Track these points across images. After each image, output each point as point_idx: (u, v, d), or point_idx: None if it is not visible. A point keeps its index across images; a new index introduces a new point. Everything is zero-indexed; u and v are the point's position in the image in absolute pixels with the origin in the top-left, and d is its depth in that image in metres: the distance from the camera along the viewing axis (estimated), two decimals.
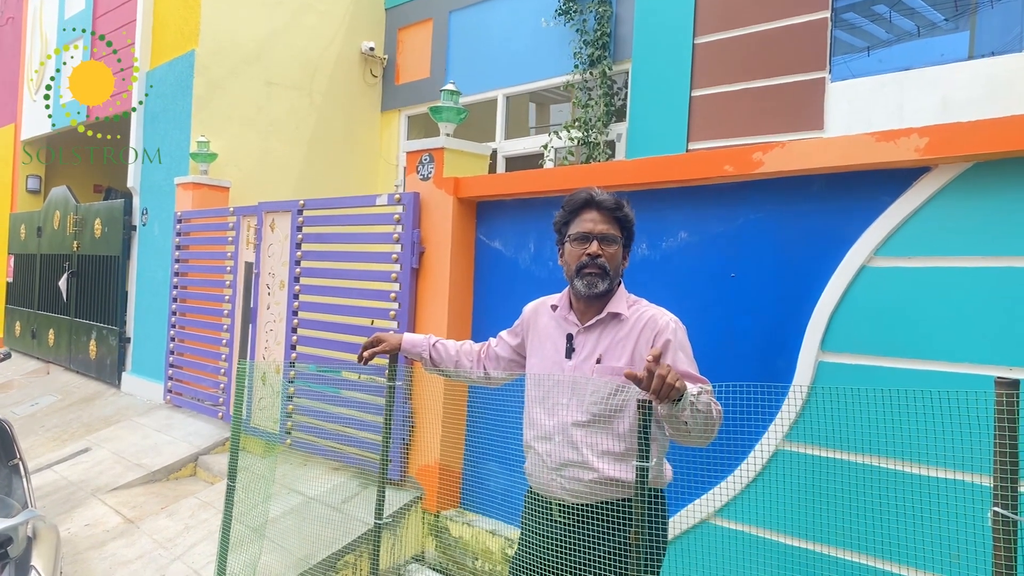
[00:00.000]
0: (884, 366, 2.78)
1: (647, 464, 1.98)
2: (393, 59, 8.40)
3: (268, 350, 5.62)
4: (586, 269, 2.30)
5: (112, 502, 5.17)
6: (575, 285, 2.35)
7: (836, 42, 4.95)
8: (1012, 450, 1.44)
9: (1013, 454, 1.44)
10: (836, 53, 4.98)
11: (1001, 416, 1.44)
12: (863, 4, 4.96)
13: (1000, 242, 2.54)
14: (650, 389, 1.90)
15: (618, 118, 6.25)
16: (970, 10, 4.59)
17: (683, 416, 2.00)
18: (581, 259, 2.31)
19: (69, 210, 9.13)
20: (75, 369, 9.02)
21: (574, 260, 2.34)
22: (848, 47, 5.00)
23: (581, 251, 2.32)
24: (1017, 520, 1.42)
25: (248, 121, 7.47)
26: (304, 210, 5.32)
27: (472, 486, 4.31)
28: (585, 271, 2.30)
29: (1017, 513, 1.43)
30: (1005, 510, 1.42)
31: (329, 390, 5.04)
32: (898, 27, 4.92)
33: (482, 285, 4.39)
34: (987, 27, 4.44)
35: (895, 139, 2.69)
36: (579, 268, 2.31)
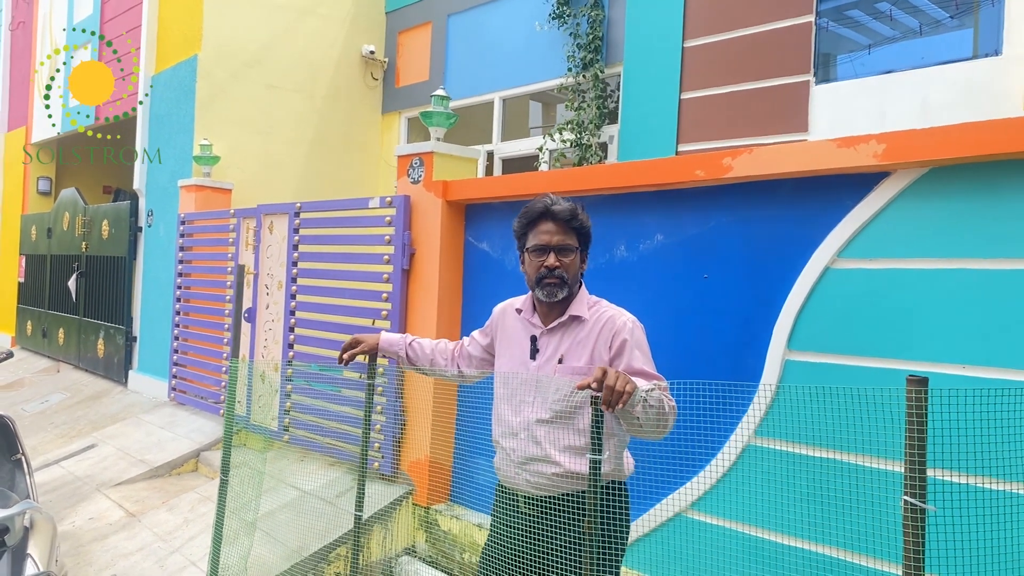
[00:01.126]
0: (848, 364, 2.88)
1: (599, 457, 2.09)
2: (393, 62, 8.53)
3: (267, 349, 5.76)
4: (545, 280, 2.41)
5: (115, 496, 5.32)
6: (536, 293, 2.47)
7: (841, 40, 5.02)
8: (920, 443, 1.54)
9: (921, 447, 1.54)
10: (842, 51, 5.05)
11: (910, 412, 1.54)
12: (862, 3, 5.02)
13: (955, 245, 2.63)
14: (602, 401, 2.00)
15: (611, 120, 6.35)
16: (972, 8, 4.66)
17: (635, 412, 2.11)
18: (540, 271, 2.41)
19: (78, 211, 9.32)
20: (84, 367, 9.21)
21: (533, 271, 2.45)
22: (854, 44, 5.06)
23: (539, 263, 2.42)
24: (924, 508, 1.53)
25: (250, 124, 7.61)
26: (301, 212, 5.45)
27: (461, 481, 4.43)
28: (544, 282, 2.41)
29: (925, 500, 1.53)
30: (913, 499, 1.52)
31: (325, 388, 5.17)
32: (903, 24, 4.97)
33: (471, 285, 4.51)
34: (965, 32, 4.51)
35: (855, 145, 2.79)
36: (539, 279, 2.42)
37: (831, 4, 5.03)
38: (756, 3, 5.27)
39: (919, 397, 1.53)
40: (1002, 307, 2.52)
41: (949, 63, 4.48)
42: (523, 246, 2.52)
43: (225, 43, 7.42)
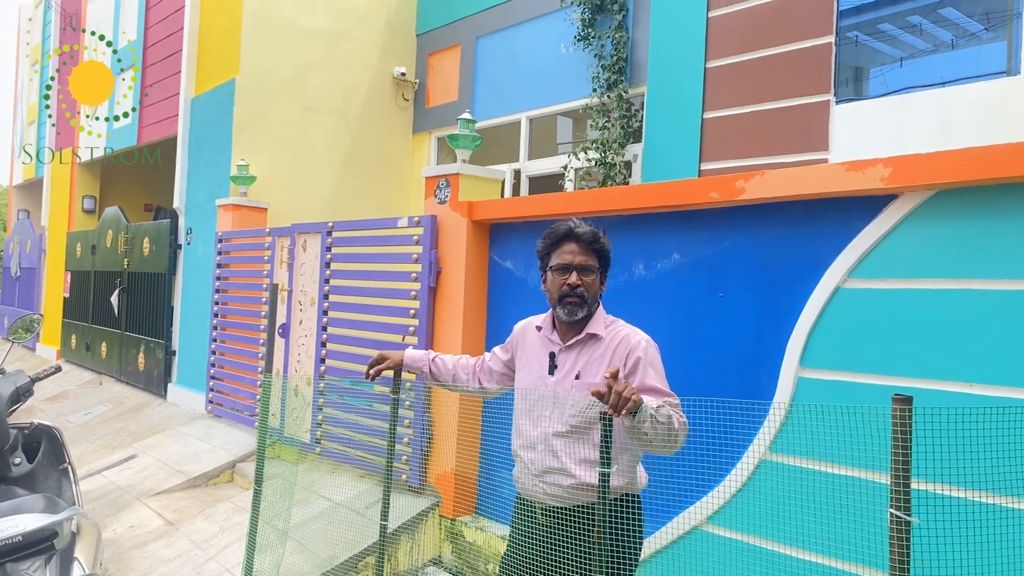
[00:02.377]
0: (858, 382, 2.95)
1: (608, 470, 2.19)
2: (424, 83, 8.74)
3: (300, 363, 5.95)
4: (567, 299, 2.53)
5: (155, 506, 5.53)
6: (557, 312, 2.59)
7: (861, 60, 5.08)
8: (905, 458, 1.63)
9: (906, 462, 1.63)
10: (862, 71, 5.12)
11: (895, 428, 1.63)
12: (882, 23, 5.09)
13: (961, 265, 2.70)
14: (608, 403, 2.12)
15: (635, 139, 6.46)
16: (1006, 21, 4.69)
17: (643, 427, 2.21)
18: (562, 289, 2.53)
19: (120, 229, 9.65)
20: (125, 380, 9.50)
21: (555, 289, 2.57)
22: (874, 64, 5.13)
23: (561, 281, 2.54)
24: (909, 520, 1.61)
25: (286, 145, 7.86)
26: (333, 231, 5.64)
27: (486, 493, 4.55)
28: (566, 300, 2.53)
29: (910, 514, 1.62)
30: (898, 511, 1.60)
31: (356, 402, 5.33)
32: (921, 44, 5.02)
33: (495, 302, 4.64)
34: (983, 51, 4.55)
35: (862, 169, 2.87)
36: (560, 297, 2.54)
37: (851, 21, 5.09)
38: (777, 25, 5.36)
39: (903, 415, 1.62)
40: (1008, 327, 2.58)
41: (967, 83, 4.53)
42: (546, 265, 2.64)
43: (262, 67, 7.68)
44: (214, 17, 8.05)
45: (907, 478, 1.61)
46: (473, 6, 8.11)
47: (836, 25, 5.09)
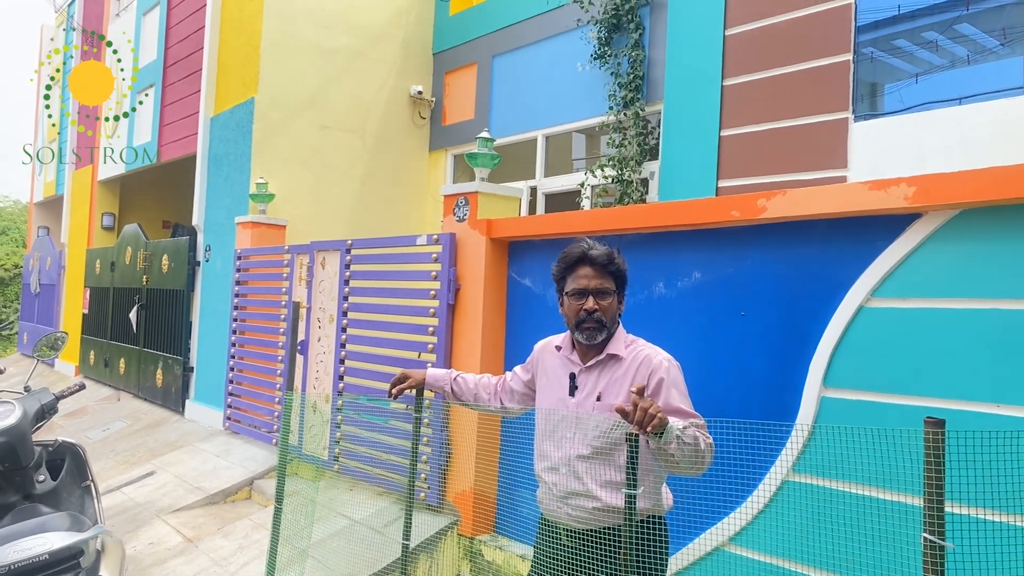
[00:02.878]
0: (883, 402, 2.93)
1: (635, 492, 2.19)
2: (440, 101, 8.80)
3: (318, 380, 5.97)
4: (584, 324, 2.52)
5: (174, 522, 5.55)
6: (576, 336, 2.58)
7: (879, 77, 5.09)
8: (938, 481, 1.62)
9: (939, 486, 1.62)
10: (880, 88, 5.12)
11: (928, 452, 1.62)
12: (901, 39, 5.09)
13: (986, 285, 2.68)
14: (633, 421, 2.11)
15: (651, 157, 6.47)
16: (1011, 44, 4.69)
17: (669, 448, 2.21)
18: (579, 314, 2.53)
19: (139, 246, 9.74)
20: (143, 396, 9.56)
21: (573, 314, 2.56)
22: (892, 80, 5.13)
23: (578, 306, 2.54)
24: (943, 545, 1.60)
25: (304, 163, 7.93)
26: (352, 249, 5.67)
27: (505, 512, 4.54)
28: (584, 325, 2.53)
29: (944, 538, 1.60)
30: (932, 536, 1.59)
31: (374, 419, 5.34)
32: (941, 60, 5.02)
33: (513, 320, 4.64)
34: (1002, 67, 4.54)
35: (886, 188, 2.86)
36: (578, 323, 2.54)
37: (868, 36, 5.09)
38: (794, 42, 5.37)
39: (936, 438, 1.61)
40: None
41: (987, 100, 4.52)
42: (562, 290, 2.64)
43: (281, 86, 7.77)
44: (234, 38, 8.15)
45: (940, 502, 1.60)
46: (489, 25, 8.18)
47: (854, 42, 5.09)
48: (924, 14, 5.00)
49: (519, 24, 7.79)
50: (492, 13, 8.17)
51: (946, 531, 1.63)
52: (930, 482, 1.62)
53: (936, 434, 1.61)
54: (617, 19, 6.53)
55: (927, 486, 1.63)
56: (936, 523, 1.59)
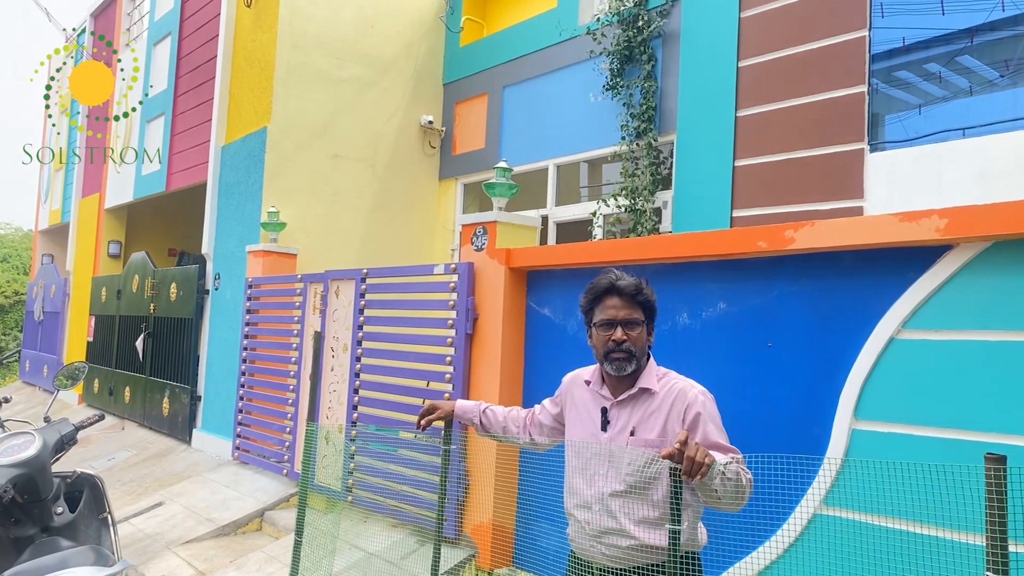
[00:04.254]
0: (914, 434, 2.91)
1: (679, 528, 2.15)
2: (450, 131, 8.86)
3: (331, 410, 5.93)
4: (613, 355, 2.49)
5: (185, 555, 5.47)
6: (605, 367, 2.56)
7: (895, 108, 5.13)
8: (1000, 518, 1.59)
9: (1002, 522, 1.60)
10: (889, 111, 5.15)
11: (990, 488, 1.60)
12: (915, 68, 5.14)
13: (1019, 318, 2.67)
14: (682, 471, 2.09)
15: (664, 186, 6.50)
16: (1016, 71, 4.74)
17: (713, 485, 2.18)
18: (608, 345, 2.50)
19: (147, 274, 9.73)
20: (148, 425, 9.49)
21: (601, 345, 2.53)
22: (903, 104, 5.16)
23: (607, 337, 2.51)
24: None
25: (315, 191, 7.96)
26: (367, 278, 5.66)
27: (524, 545, 4.48)
28: (612, 356, 2.49)
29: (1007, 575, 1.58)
30: (995, 574, 1.57)
31: (389, 449, 5.30)
32: (953, 85, 5.06)
33: (532, 349, 4.63)
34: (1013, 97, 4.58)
35: (917, 220, 2.87)
36: (607, 353, 2.51)
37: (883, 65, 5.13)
38: (808, 74, 5.42)
39: (998, 474, 1.59)
40: None
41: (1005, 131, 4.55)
42: (590, 321, 2.61)
43: (293, 116, 7.82)
44: (247, 67, 8.21)
45: (1004, 539, 1.58)
46: (500, 57, 8.25)
47: (868, 73, 5.13)
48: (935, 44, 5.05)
49: (530, 55, 7.87)
50: (503, 45, 8.25)
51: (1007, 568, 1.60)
52: (992, 519, 1.60)
53: (998, 470, 1.59)
54: (629, 51, 6.59)
55: (989, 523, 1.60)
56: (1000, 561, 1.57)
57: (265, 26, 7.94)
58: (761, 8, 5.78)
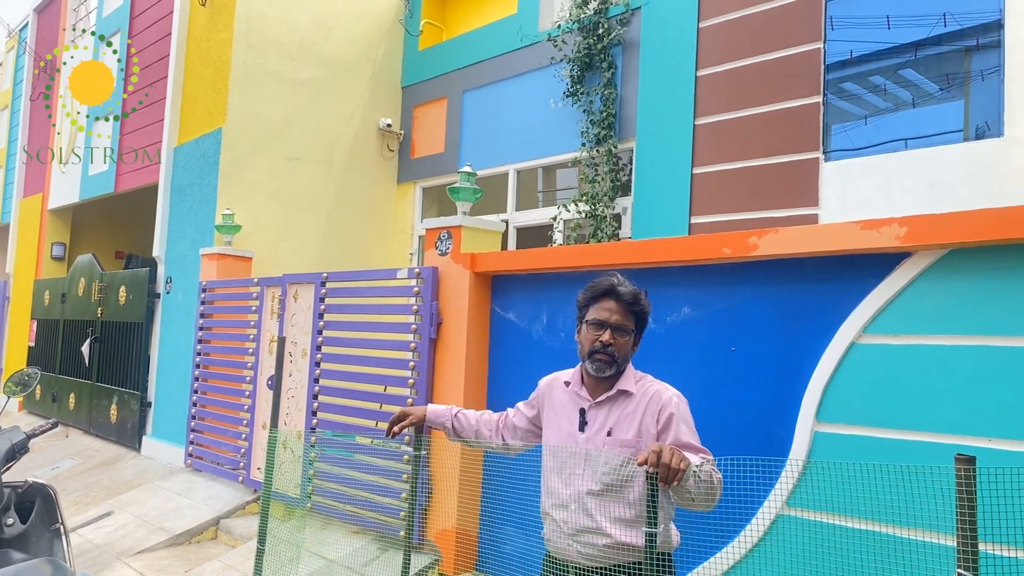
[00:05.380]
0: (875, 436, 3.00)
1: (656, 530, 2.18)
2: (409, 134, 8.82)
3: (289, 416, 5.84)
4: (596, 354, 2.54)
5: (137, 565, 5.33)
6: (586, 365, 2.60)
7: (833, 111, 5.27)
8: (971, 517, 1.65)
9: (972, 521, 1.66)
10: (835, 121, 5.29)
11: (960, 488, 1.66)
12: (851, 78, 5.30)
13: (975, 322, 2.78)
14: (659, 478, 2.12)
15: (623, 192, 6.57)
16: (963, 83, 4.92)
17: (687, 486, 2.22)
18: (594, 344, 2.55)
19: (94, 277, 9.46)
20: (95, 433, 9.21)
21: (588, 343, 2.58)
22: (846, 115, 5.31)
23: (595, 336, 2.55)
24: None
25: (271, 194, 7.84)
26: (327, 282, 5.60)
27: (488, 550, 4.47)
28: (595, 356, 2.54)
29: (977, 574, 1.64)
30: (966, 571, 1.62)
31: (347, 455, 5.24)
32: (895, 97, 5.23)
33: (497, 354, 4.63)
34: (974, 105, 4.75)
35: (878, 227, 2.96)
36: (591, 352, 2.56)
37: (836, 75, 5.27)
38: (765, 83, 5.54)
39: (968, 474, 1.65)
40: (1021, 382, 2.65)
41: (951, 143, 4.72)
42: (582, 317, 2.65)
43: (249, 117, 7.69)
44: (201, 67, 8.05)
45: (974, 538, 1.63)
46: (459, 61, 8.25)
47: (823, 84, 5.27)
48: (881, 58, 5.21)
49: (490, 60, 7.88)
50: (462, 49, 8.25)
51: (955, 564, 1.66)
52: (963, 518, 1.65)
53: (968, 470, 1.65)
54: (590, 58, 6.65)
55: (959, 522, 1.66)
56: (971, 560, 1.63)
57: (220, 26, 7.81)
58: (719, 18, 5.89)
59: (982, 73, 4.70)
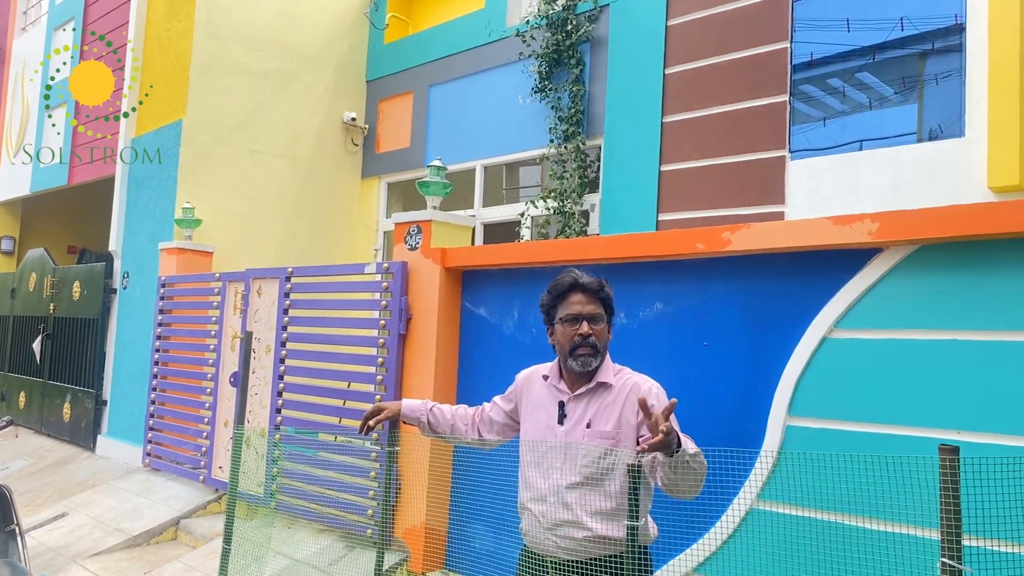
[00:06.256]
0: (846, 430, 3.03)
1: (638, 523, 2.18)
2: (374, 129, 8.72)
3: (252, 413, 5.72)
4: (579, 349, 2.53)
5: (94, 567, 5.18)
6: (569, 364, 2.57)
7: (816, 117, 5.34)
8: (955, 507, 1.67)
9: (956, 510, 1.67)
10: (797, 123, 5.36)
11: (945, 478, 1.68)
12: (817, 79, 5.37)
13: (944, 317, 2.82)
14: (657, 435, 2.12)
15: (591, 189, 6.57)
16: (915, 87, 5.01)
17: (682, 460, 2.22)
18: (574, 339, 2.53)
19: (46, 272, 9.18)
20: (47, 432, 8.95)
21: (567, 341, 2.56)
22: (805, 117, 5.39)
23: (573, 332, 2.54)
24: (961, 569, 1.65)
25: (232, 188, 7.68)
26: (292, 277, 5.50)
27: (457, 547, 4.43)
28: (579, 351, 2.53)
29: (961, 563, 1.65)
30: (950, 560, 1.64)
31: (312, 453, 5.15)
32: (850, 101, 5.31)
33: (467, 350, 4.59)
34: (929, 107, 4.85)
35: (850, 223, 2.99)
36: (572, 348, 2.54)
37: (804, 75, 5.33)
38: (733, 83, 5.59)
39: (952, 464, 1.66)
40: (990, 376, 2.70)
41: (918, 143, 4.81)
42: (553, 319, 2.63)
43: (210, 109, 7.53)
44: (160, 57, 7.86)
45: (958, 526, 1.65)
46: (426, 55, 8.18)
47: (790, 83, 5.33)
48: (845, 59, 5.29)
49: (458, 55, 7.83)
50: (429, 43, 8.18)
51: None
52: (947, 507, 1.67)
53: (952, 460, 1.67)
54: (558, 54, 6.64)
55: (943, 512, 1.68)
56: (954, 547, 1.64)
57: (181, 15, 7.62)
58: (687, 16, 5.93)
59: (936, 77, 4.80)
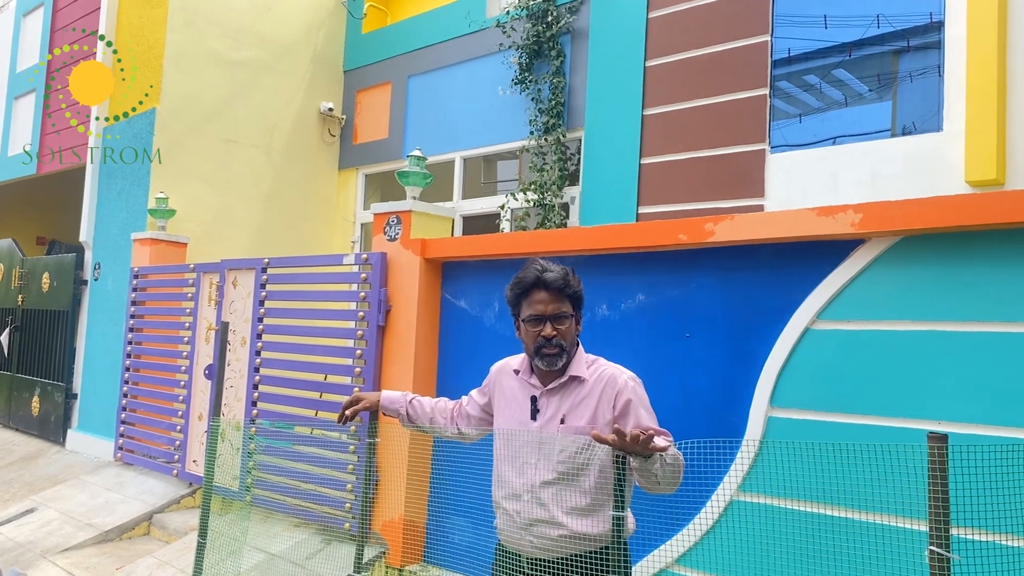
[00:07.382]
0: (828, 420, 3.03)
1: (623, 514, 2.15)
2: (351, 119, 8.63)
3: (227, 407, 5.64)
4: (543, 350, 2.45)
5: (64, 563, 5.07)
6: (536, 362, 2.51)
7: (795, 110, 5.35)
8: (944, 495, 1.66)
9: (945, 499, 1.66)
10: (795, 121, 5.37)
11: (933, 466, 1.67)
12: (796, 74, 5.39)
13: (926, 308, 2.83)
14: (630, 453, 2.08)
15: (571, 182, 6.55)
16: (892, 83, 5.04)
17: (653, 468, 2.19)
18: (538, 340, 2.46)
19: (15, 263, 8.99)
20: (14, 426, 8.77)
21: (531, 341, 2.49)
22: (783, 114, 5.40)
23: (536, 333, 2.46)
24: (950, 557, 1.64)
25: (207, 178, 7.56)
26: (269, 268, 5.42)
27: (436, 540, 4.40)
28: (543, 351, 2.46)
29: (950, 551, 1.65)
30: (939, 549, 1.63)
31: (286, 446, 5.08)
32: (828, 96, 5.34)
33: (447, 342, 4.55)
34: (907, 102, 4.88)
35: (833, 214, 2.99)
36: (537, 349, 2.47)
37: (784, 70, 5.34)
38: (713, 75, 5.59)
39: (941, 453, 1.66)
40: (972, 366, 2.71)
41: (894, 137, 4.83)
42: (517, 315, 2.56)
43: (185, 97, 7.40)
44: (133, 44, 7.71)
45: (947, 515, 1.64)
46: (405, 46, 8.10)
47: (770, 77, 5.34)
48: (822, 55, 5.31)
49: (437, 45, 7.76)
50: (408, 34, 8.10)
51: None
52: (935, 495, 1.66)
53: (940, 448, 1.66)
54: (538, 45, 6.60)
55: (932, 501, 1.67)
56: (943, 535, 1.64)
57: (154, 2, 7.48)
58: (668, 9, 5.91)
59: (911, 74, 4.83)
